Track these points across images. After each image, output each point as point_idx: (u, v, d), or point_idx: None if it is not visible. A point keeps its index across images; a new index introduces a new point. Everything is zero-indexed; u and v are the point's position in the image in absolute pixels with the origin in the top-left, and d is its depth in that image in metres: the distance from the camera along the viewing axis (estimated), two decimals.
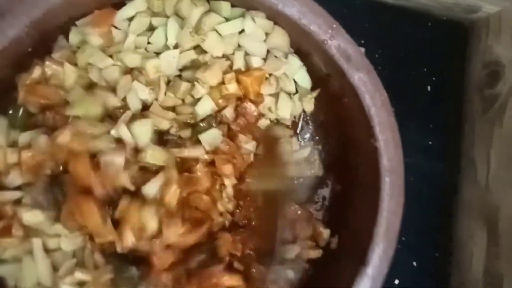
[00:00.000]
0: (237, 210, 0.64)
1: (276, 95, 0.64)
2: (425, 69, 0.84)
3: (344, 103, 0.62)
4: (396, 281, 0.77)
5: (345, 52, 0.58)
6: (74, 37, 0.60)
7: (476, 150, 0.79)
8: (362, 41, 0.78)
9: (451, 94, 0.84)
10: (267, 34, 0.62)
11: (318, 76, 0.65)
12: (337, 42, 0.58)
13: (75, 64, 0.59)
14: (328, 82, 0.64)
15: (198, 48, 0.61)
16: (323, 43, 0.58)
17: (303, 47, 0.62)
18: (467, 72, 0.85)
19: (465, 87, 0.84)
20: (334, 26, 0.58)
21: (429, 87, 0.84)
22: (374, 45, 0.81)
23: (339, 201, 0.68)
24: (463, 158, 0.82)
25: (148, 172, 0.58)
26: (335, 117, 0.67)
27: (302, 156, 0.69)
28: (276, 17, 0.60)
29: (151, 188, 0.56)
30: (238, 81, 0.61)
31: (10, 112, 0.58)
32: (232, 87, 0.60)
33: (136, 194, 0.57)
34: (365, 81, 0.58)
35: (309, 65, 0.65)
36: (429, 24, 0.85)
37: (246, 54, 0.62)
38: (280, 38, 0.63)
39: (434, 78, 0.84)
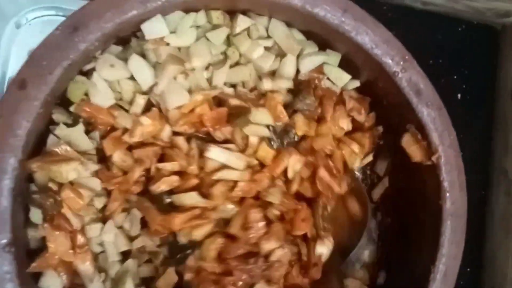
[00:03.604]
0: None
1: None
2: (455, 76, 0.81)
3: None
4: None
5: (416, 85, 0.55)
6: None
7: (508, 161, 0.78)
8: None
9: (482, 102, 0.82)
10: None
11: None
12: (409, 74, 0.55)
13: None
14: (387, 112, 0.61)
15: None
16: (393, 75, 0.55)
17: (369, 73, 0.58)
18: (499, 78, 0.82)
19: (497, 95, 0.82)
20: (407, 57, 0.55)
21: (459, 95, 0.81)
22: None
23: (389, 235, 0.67)
24: (495, 169, 0.81)
25: None
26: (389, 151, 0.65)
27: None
28: (348, 44, 0.56)
29: None
30: None
31: None
32: None
33: None
34: (434, 118, 0.56)
35: (368, 91, 0.61)
36: (459, 29, 0.82)
37: None
38: None
39: (464, 86, 0.81)
